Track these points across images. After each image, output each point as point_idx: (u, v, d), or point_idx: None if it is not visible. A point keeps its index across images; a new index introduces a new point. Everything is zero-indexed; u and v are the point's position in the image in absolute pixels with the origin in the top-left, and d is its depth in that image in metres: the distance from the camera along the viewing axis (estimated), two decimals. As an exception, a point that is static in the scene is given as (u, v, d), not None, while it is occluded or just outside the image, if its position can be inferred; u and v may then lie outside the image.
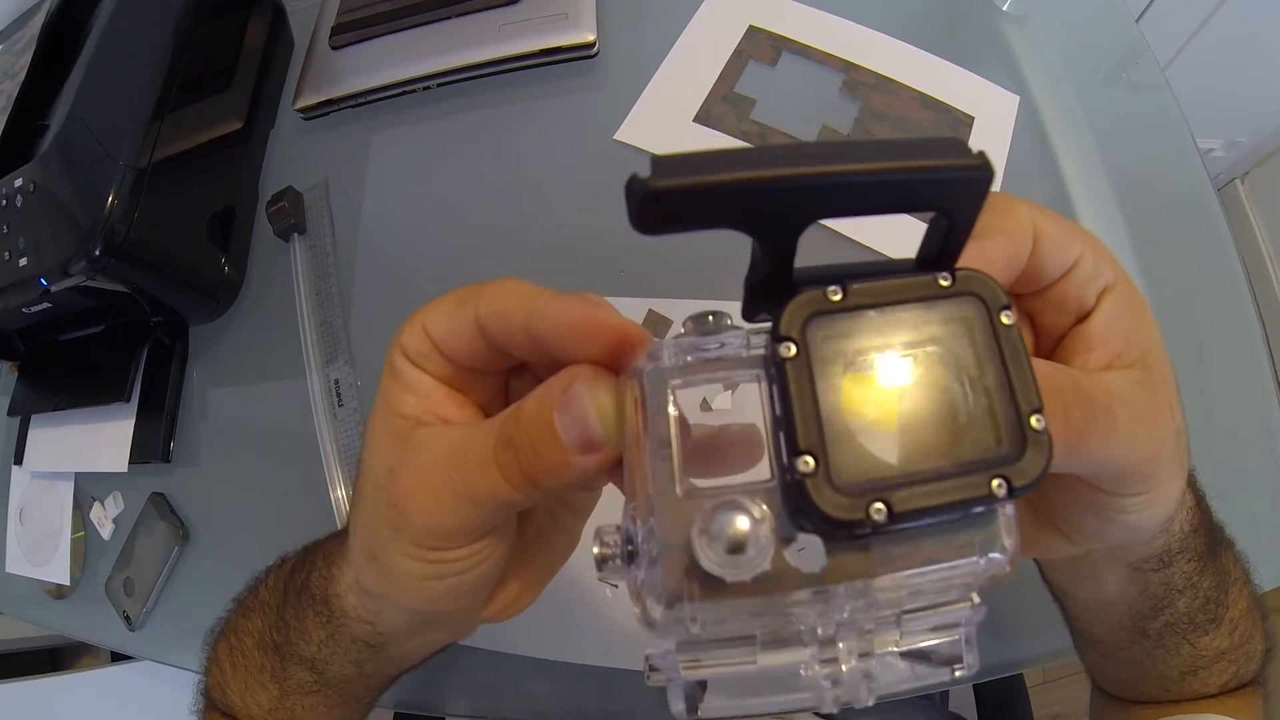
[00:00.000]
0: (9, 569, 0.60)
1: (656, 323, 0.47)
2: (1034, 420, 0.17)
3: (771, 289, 0.18)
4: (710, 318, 0.19)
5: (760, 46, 0.56)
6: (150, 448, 0.54)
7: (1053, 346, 0.24)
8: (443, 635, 0.28)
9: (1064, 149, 0.53)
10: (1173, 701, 0.34)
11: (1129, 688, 0.36)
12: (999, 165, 0.52)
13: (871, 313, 0.18)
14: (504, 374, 0.24)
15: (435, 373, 0.22)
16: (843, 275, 0.18)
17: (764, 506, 0.17)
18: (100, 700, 0.83)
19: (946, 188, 0.17)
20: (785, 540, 0.17)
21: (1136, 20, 0.59)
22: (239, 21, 0.60)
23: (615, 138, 0.54)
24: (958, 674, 0.18)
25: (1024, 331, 0.23)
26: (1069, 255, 0.23)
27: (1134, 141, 0.54)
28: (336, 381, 0.49)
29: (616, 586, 0.43)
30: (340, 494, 0.48)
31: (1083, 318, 0.23)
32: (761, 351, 0.18)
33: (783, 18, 0.57)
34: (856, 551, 0.17)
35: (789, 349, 0.17)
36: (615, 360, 0.20)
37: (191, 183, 0.54)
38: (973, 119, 0.53)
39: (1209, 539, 0.29)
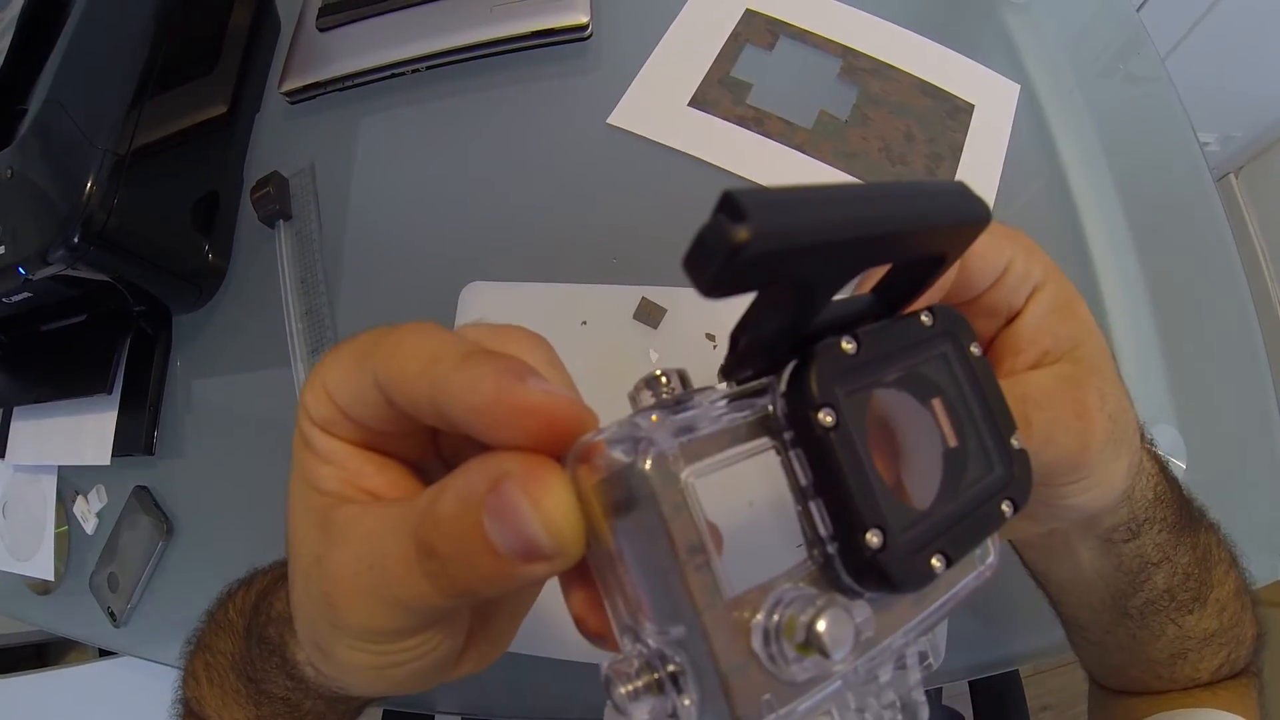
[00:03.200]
0: (-8, 564, 0.59)
1: (650, 311, 0.46)
2: (1014, 440, 0.19)
3: (776, 345, 0.16)
4: (671, 380, 0.16)
5: (757, 30, 0.55)
6: (133, 440, 0.53)
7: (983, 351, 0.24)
8: (411, 691, 0.27)
9: (1064, 138, 0.53)
10: (1166, 691, 0.34)
11: (1121, 675, 0.36)
12: (999, 154, 0.51)
13: (881, 361, 0.17)
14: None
15: (349, 437, 0.19)
16: (840, 322, 0.17)
17: (830, 595, 0.15)
18: (88, 695, 0.82)
19: (954, 234, 0.17)
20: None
21: (1137, 10, 0.58)
22: (224, 2, 0.59)
23: (608, 122, 0.53)
24: (931, 667, 0.19)
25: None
26: (999, 263, 0.23)
27: (1134, 131, 0.54)
28: (323, 372, 0.48)
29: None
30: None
31: (1012, 319, 0.24)
32: (763, 414, 0.16)
33: (780, 1, 0.56)
34: (895, 602, 0.17)
35: (828, 417, 0.15)
36: (547, 446, 0.16)
37: (174, 168, 0.53)
38: (973, 107, 0.52)
39: (1179, 510, 0.30)
